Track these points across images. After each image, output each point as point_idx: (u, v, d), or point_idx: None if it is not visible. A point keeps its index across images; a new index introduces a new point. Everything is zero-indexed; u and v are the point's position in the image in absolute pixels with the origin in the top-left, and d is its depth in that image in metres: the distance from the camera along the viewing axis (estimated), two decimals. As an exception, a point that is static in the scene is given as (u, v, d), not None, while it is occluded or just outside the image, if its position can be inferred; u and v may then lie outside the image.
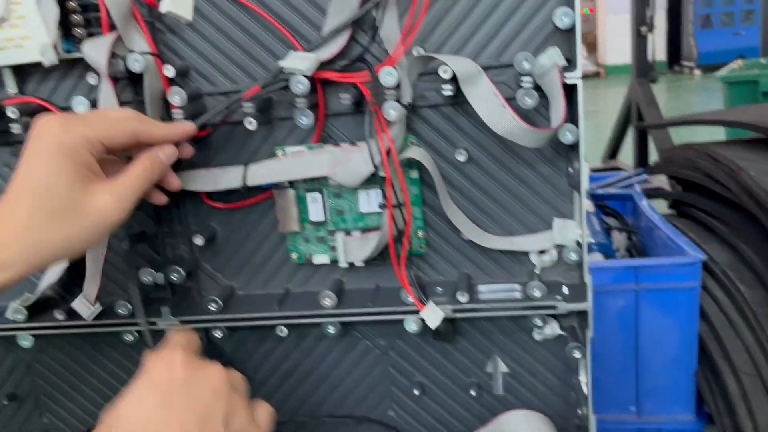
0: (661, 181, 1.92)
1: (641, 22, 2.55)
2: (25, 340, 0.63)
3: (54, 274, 0.61)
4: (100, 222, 0.46)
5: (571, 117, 0.51)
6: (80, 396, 0.67)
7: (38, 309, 0.62)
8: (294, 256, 0.59)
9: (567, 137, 0.51)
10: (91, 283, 0.59)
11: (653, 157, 2.23)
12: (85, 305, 0.59)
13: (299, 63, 0.51)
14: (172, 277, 0.57)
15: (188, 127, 0.53)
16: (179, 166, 0.59)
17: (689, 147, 1.25)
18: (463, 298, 0.55)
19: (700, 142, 1.29)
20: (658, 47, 2.67)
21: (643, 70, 2.57)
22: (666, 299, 0.95)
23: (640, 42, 2.57)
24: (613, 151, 2.78)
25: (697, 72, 6.55)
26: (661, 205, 1.38)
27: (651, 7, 2.52)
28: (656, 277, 0.93)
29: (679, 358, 0.97)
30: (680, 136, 1.82)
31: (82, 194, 0.45)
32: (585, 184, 0.51)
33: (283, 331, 0.59)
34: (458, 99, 0.54)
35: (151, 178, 0.50)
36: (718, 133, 2.23)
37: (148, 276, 0.59)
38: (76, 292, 0.62)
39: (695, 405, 1.00)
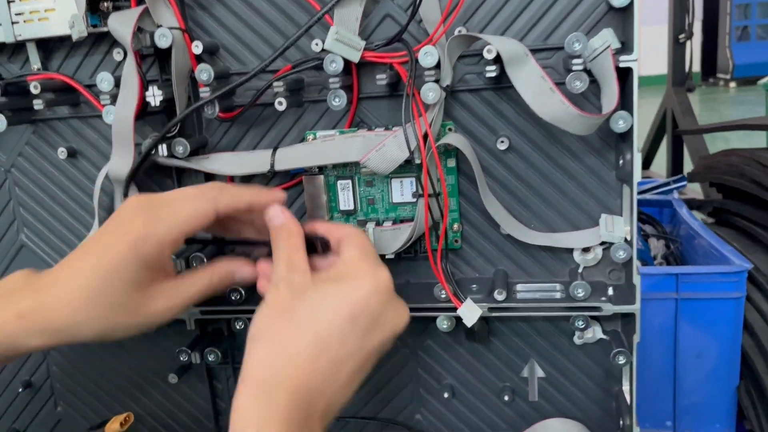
0: (694, 191, 1.85)
1: (679, 29, 2.48)
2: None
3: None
4: (147, 324, 0.46)
5: (624, 103, 0.47)
6: (96, 386, 0.65)
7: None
8: (321, 246, 0.56)
9: (619, 125, 0.47)
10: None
11: (687, 167, 2.17)
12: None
13: (350, 53, 0.48)
14: (193, 264, 0.55)
15: (278, 195, 0.49)
16: (203, 149, 0.56)
17: (733, 153, 1.20)
18: (500, 296, 0.51)
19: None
20: (692, 59, 2.59)
21: (679, 78, 2.50)
22: (708, 310, 0.90)
23: (677, 50, 2.50)
24: (646, 161, 2.71)
25: (732, 85, 6.41)
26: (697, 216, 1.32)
27: (690, 15, 2.45)
28: (699, 286, 0.89)
29: (720, 373, 0.92)
30: (716, 147, 1.76)
31: (140, 297, 0.44)
32: (637, 176, 0.47)
33: (307, 325, 0.56)
34: (501, 83, 0.51)
35: (214, 291, 0.49)
36: (759, 143, 2.15)
37: None
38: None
39: (735, 422, 0.95)
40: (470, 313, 0.51)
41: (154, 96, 0.52)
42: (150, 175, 0.58)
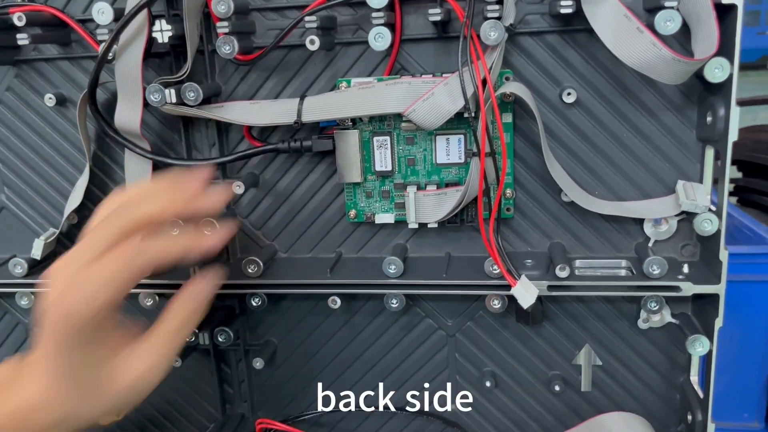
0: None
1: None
2: (24, 299, 0.53)
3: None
4: (137, 392, 0.39)
5: (724, 48, 0.40)
6: (86, 369, 0.58)
7: (41, 264, 0.52)
8: (352, 213, 0.49)
9: (715, 73, 0.40)
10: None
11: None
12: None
13: None
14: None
15: (218, 237, 0.42)
16: (216, 99, 0.49)
17: (762, 129, 1.14)
18: (563, 272, 0.45)
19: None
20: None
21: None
22: (744, 293, 0.84)
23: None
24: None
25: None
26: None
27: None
28: (737, 268, 0.83)
29: (752, 361, 0.87)
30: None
31: (109, 372, 0.38)
32: (733, 134, 0.40)
33: (336, 302, 0.49)
34: (570, 24, 0.43)
35: (194, 323, 0.41)
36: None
37: (173, 231, 0.48)
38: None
39: (765, 411, 0.90)
40: (527, 292, 0.44)
41: (162, 31, 0.44)
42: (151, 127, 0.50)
